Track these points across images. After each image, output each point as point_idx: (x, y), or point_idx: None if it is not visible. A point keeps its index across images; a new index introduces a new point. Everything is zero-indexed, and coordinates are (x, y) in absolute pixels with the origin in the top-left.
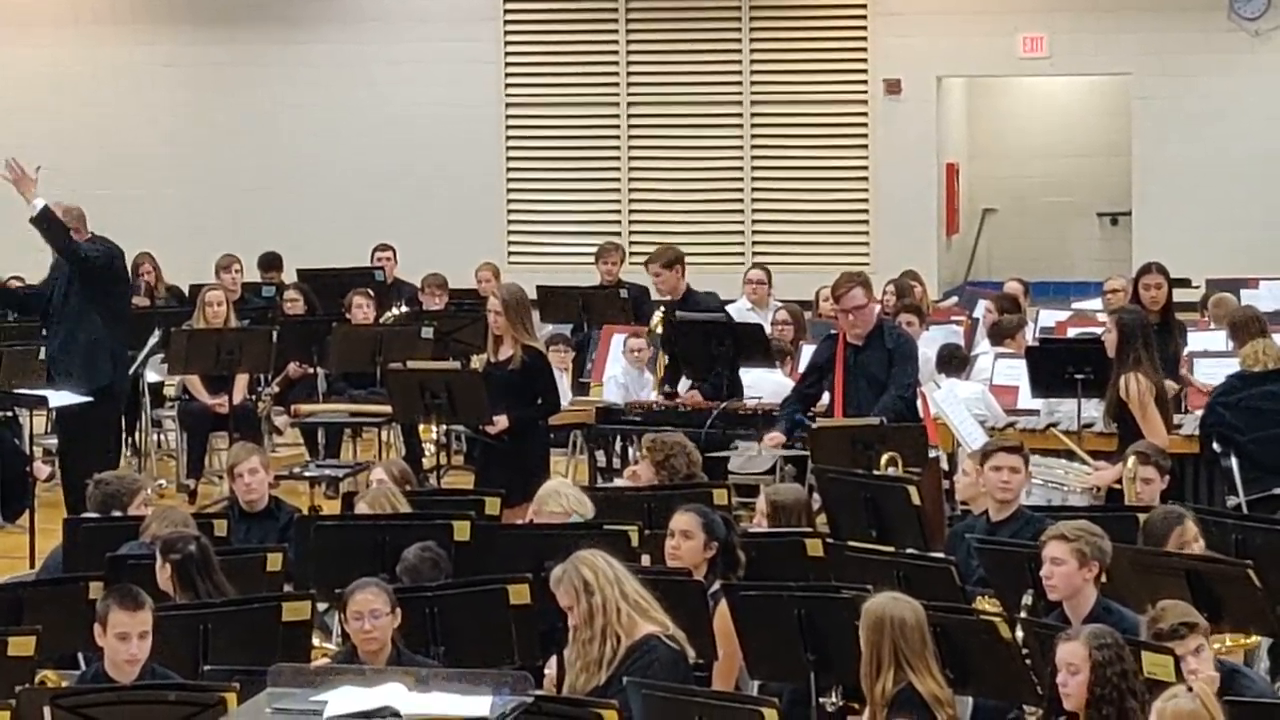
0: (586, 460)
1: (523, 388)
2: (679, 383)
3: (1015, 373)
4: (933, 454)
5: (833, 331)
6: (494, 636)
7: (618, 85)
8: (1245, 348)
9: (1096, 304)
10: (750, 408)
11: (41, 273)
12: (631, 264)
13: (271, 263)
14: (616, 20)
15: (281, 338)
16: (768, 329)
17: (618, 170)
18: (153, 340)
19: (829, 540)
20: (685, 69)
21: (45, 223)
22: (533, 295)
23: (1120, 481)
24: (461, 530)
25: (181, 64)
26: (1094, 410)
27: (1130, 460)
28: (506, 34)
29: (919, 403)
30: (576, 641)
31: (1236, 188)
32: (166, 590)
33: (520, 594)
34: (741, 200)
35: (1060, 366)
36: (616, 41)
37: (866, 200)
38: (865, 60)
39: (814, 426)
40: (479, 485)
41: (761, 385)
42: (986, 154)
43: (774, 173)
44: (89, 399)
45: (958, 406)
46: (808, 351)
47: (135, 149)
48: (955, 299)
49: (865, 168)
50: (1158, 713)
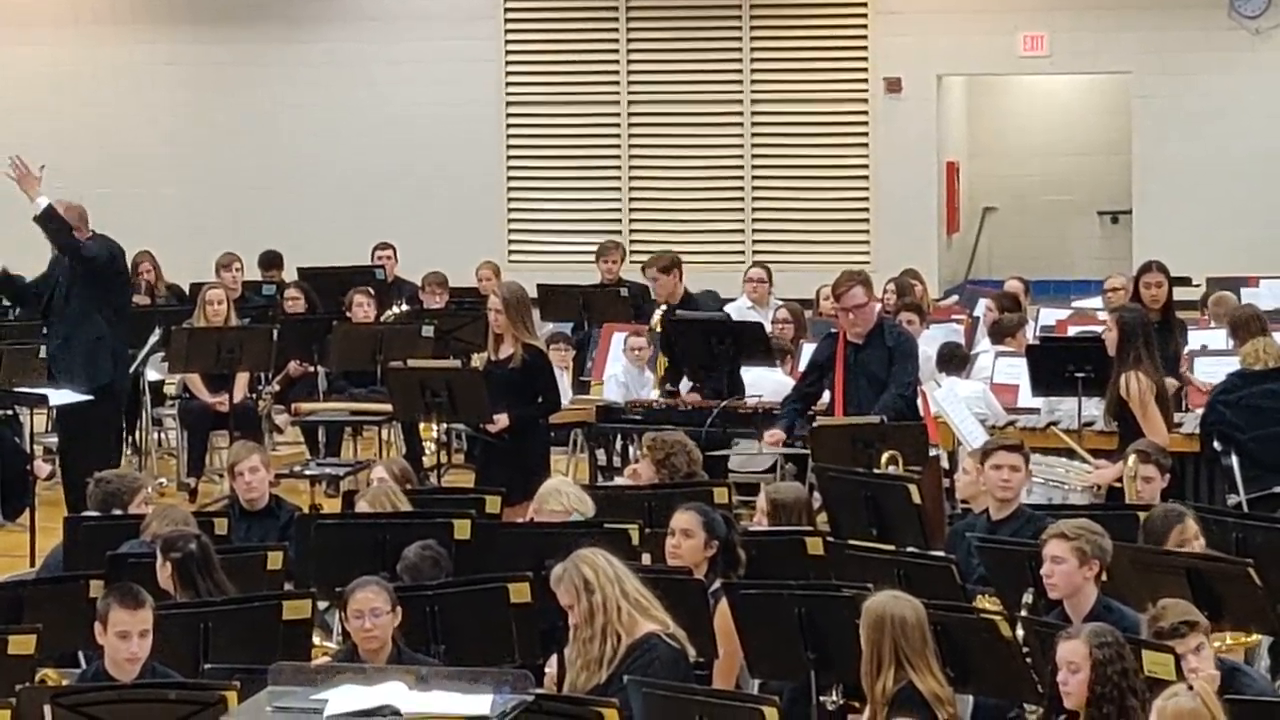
0: (587, 459)
1: (523, 386)
2: (680, 385)
3: (1016, 371)
4: (933, 452)
5: (833, 330)
6: (494, 635)
7: (618, 84)
8: (1246, 346)
9: (1097, 302)
10: (751, 406)
11: (41, 270)
12: (632, 262)
13: (272, 261)
14: (617, 19)
15: (282, 336)
16: (768, 328)
17: (618, 169)
18: (153, 339)
19: (829, 539)
20: (685, 68)
21: (49, 221)
22: (533, 294)
23: (1121, 480)
24: (462, 529)
25: (182, 63)
26: (1094, 409)
27: (1131, 459)
28: (507, 33)
29: (919, 401)
30: (577, 640)
31: (1237, 186)
32: (167, 589)
33: (521, 592)
34: (742, 199)
35: (1061, 365)
36: (617, 40)
37: (867, 199)
38: (865, 59)
39: (814, 425)
40: (479, 484)
41: (762, 384)
42: (987, 152)
43: (774, 171)
44: (89, 397)
45: (958, 405)
46: (808, 350)
47: (135, 148)
48: (956, 297)
49: (866, 166)
50: (1158, 711)
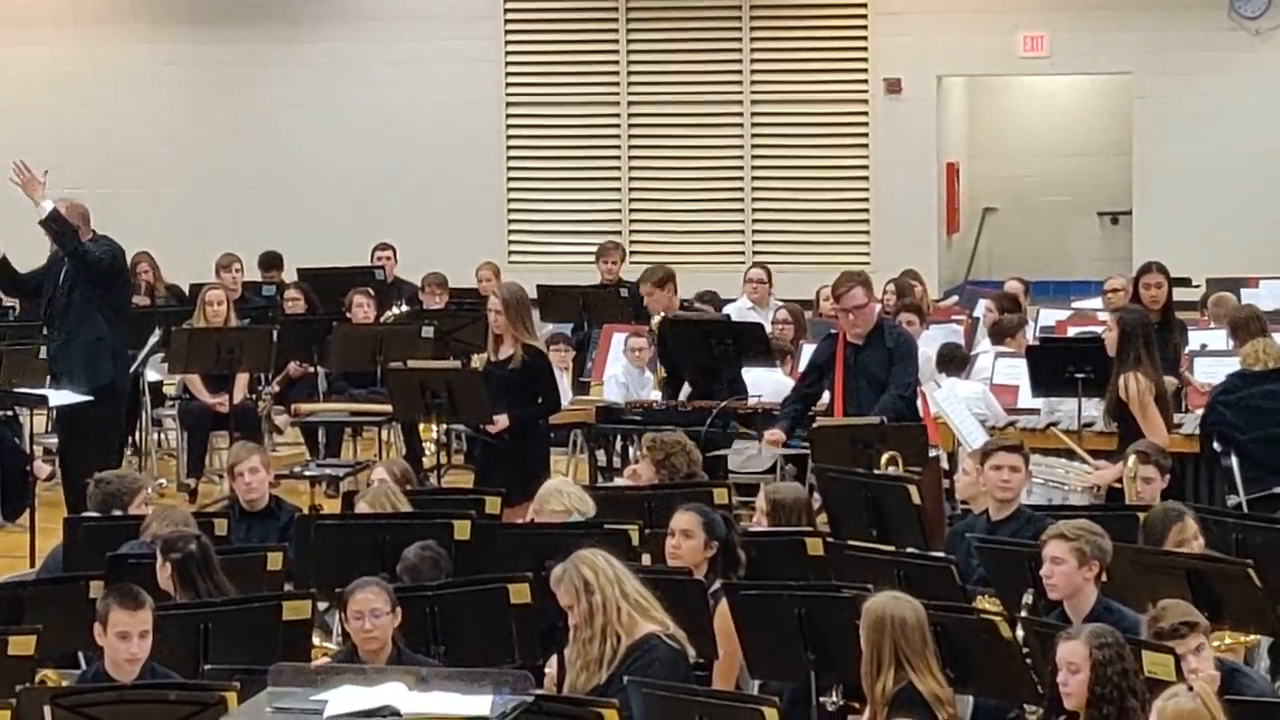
0: (587, 459)
1: (523, 387)
2: (680, 392)
3: (1015, 372)
4: (933, 453)
5: (833, 331)
6: (494, 636)
7: (618, 84)
8: (1245, 347)
9: (1097, 303)
10: (751, 407)
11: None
12: (632, 263)
13: (272, 262)
14: (617, 19)
15: (282, 337)
16: (768, 328)
17: (618, 169)
18: (153, 339)
19: (829, 539)
20: (685, 68)
21: (54, 225)
22: (533, 294)
23: (1121, 481)
24: (462, 529)
25: (182, 63)
26: (1094, 409)
27: (1130, 459)
28: (507, 33)
29: (919, 402)
30: (577, 641)
31: (1237, 187)
32: (167, 589)
33: (520, 593)
34: (742, 199)
35: (1060, 366)
36: (617, 41)
37: (867, 199)
38: (865, 59)
39: (814, 426)
40: (479, 484)
41: (762, 384)
42: (987, 153)
43: (774, 172)
44: (89, 398)
45: (958, 405)
46: (808, 351)
47: (135, 148)
48: (955, 298)
49: (866, 167)
50: (1158, 712)
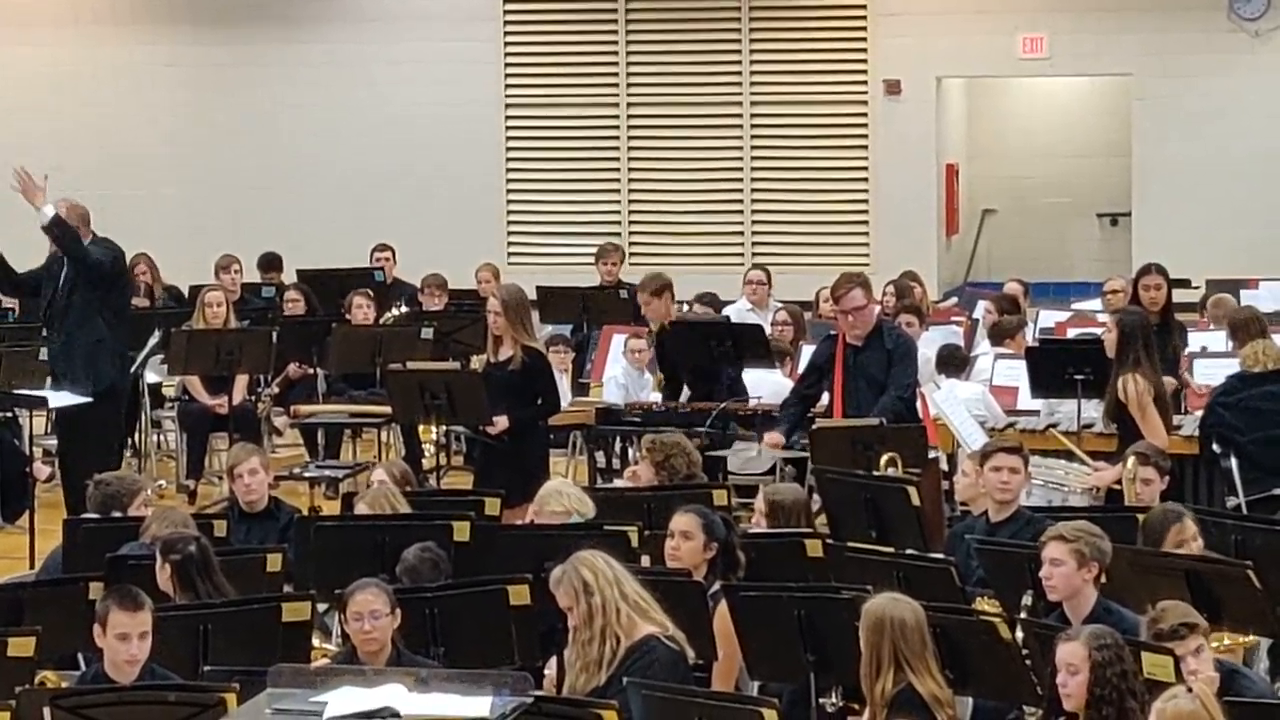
0: (586, 461)
1: (522, 388)
2: (680, 394)
3: (1015, 373)
4: (932, 455)
5: (832, 332)
6: (494, 637)
7: (617, 85)
8: (1245, 348)
9: (1096, 304)
10: (750, 408)
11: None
12: (631, 264)
13: (271, 263)
14: (616, 20)
15: (281, 338)
16: (767, 329)
17: (617, 170)
18: (153, 341)
19: (829, 541)
20: (685, 69)
21: (56, 230)
22: (532, 295)
23: (1120, 482)
24: (461, 531)
25: (182, 64)
26: (1094, 411)
27: (1130, 461)
28: (506, 34)
29: (918, 403)
30: (576, 642)
31: (1236, 188)
32: (166, 591)
33: (520, 595)
34: (741, 200)
35: (1060, 367)
36: (616, 41)
37: (866, 201)
38: (865, 60)
39: (813, 427)
40: (479, 486)
41: (761, 386)
42: (986, 154)
43: (774, 173)
44: (88, 400)
45: (957, 407)
46: (807, 352)
47: (135, 149)
48: (955, 299)
49: (865, 168)
50: (1158, 713)
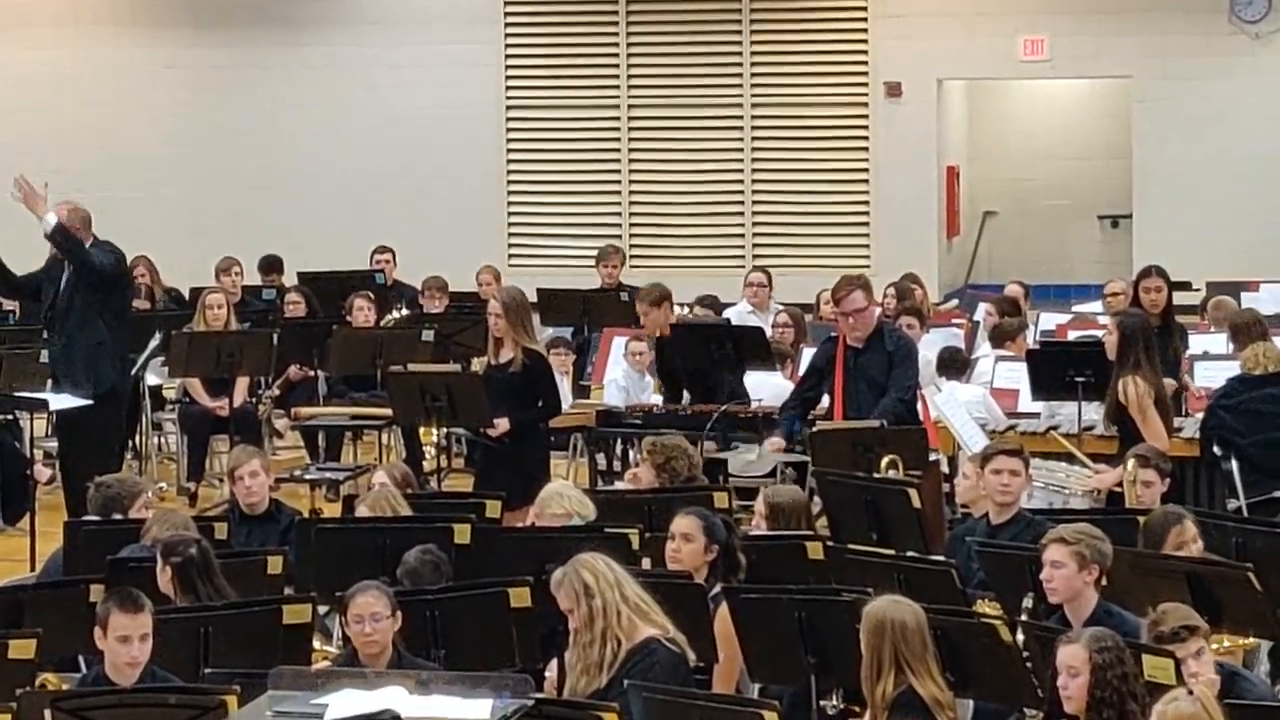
0: (587, 463)
1: (523, 390)
2: (680, 397)
3: (1016, 375)
4: (933, 457)
5: (833, 334)
6: (495, 639)
7: (618, 88)
8: (1246, 351)
9: (1097, 307)
10: (751, 411)
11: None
12: (632, 267)
13: (272, 266)
14: (617, 23)
15: (282, 340)
16: (768, 332)
17: (618, 173)
18: (153, 343)
19: (829, 543)
20: (686, 71)
21: (59, 237)
22: (533, 298)
23: (1121, 484)
24: (462, 533)
25: (182, 65)
26: (1094, 413)
27: (1130, 463)
28: (507, 37)
29: (919, 406)
30: (577, 644)
31: (1237, 190)
32: (167, 593)
33: (521, 597)
34: (742, 203)
35: (1061, 369)
36: (617, 44)
37: (867, 203)
38: (866, 63)
39: (814, 429)
40: (479, 488)
41: (762, 388)
42: (987, 156)
43: (774, 176)
44: (89, 402)
45: (958, 409)
46: (808, 354)
47: (135, 150)
48: (956, 302)
49: (866, 171)
50: (1158, 715)
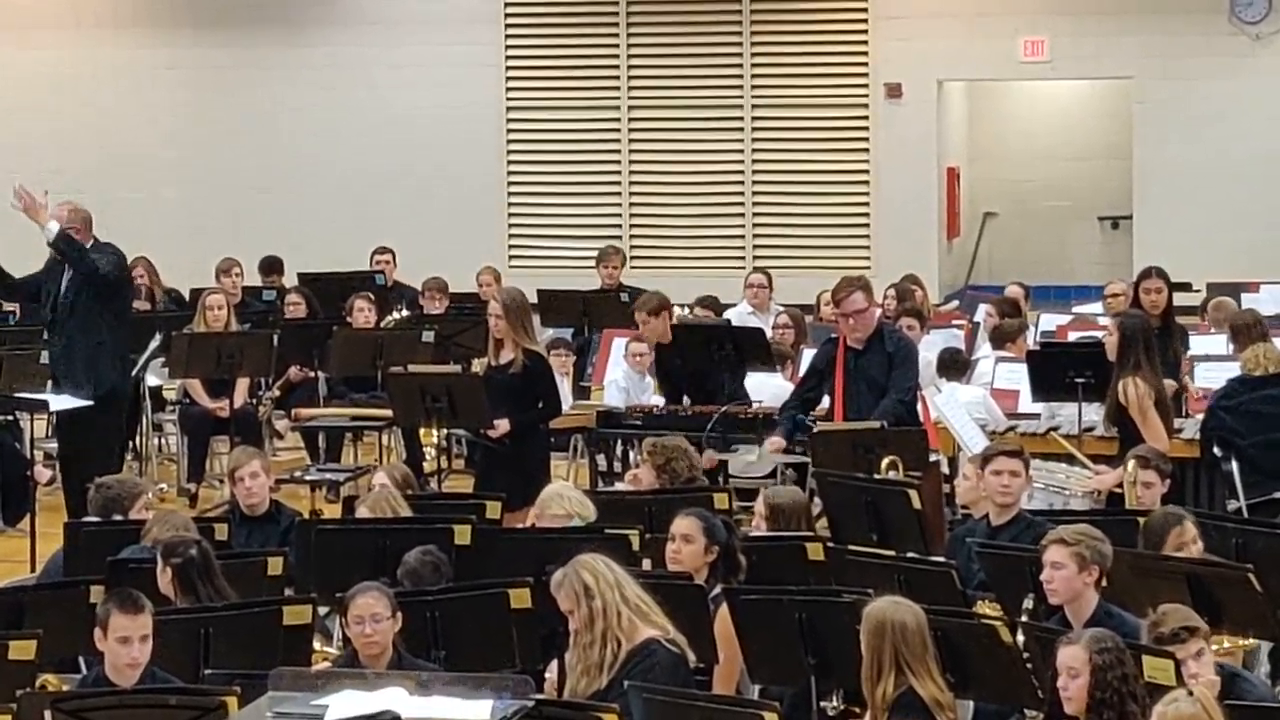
0: (587, 464)
1: (523, 391)
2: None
3: (1016, 377)
4: (933, 458)
5: (833, 335)
6: (495, 640)
7: (619, 89)
8: (1246, 352)
9: (1097, 308)
10: (751, 411)
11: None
12: (632, 268)
13: (272, 266)
14: (618, 24)
15: (282, 341)
16: (768, 333)
17: (618, 174)
18: (154, 344)
19: (830, 544)
20: (686, 73)
21: (63, 245)
22: (533, 299)
23: (1121, 485)
24: (462, 534)
25: (182, 66)
26: (1095, 414)
27: (1130, 464)
28: (507, 38)
29: (919, 406)
30: (577, 645)
31: (1237, 191)
32: (167, 594)
33: (521, 598)
34: (742, 204)
35: (1061, 370)
36: (617, 45)
37: (867, 204)
38: (866, 64)
39: (815, 430)
40: (480, 489)
41: (762, 389)
42: (987, 157)
43: (775, 176)
44: (90, 403)
45: (958, 410)
46: (808, 355)
47: (136, 151)
48: (956, 303)
49: (866, 172)
50: (1159, 716)
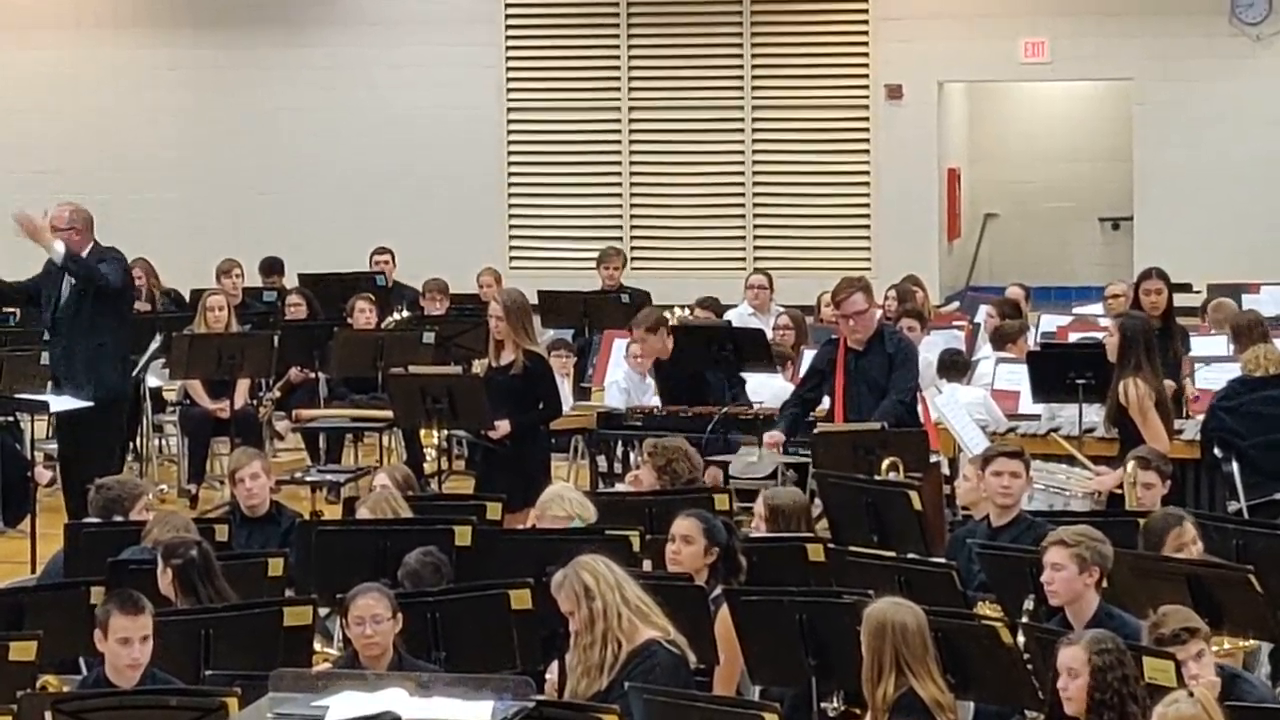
0: (588, 465)
1: (524, 393)
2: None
3: (1016, 378)
4: (934, 459)
5: (833, 336)
6: (495, 641)
7: (619, 90)
8: (1246, 353)
9: (1098, 309)
10: (752, 412)
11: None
12: (633, 269)
13: (273, 267)
14: (618, 25)
15: (283, 342)
16: (769, 334)
17: (619, 175)
18: (154, 345)
19: (830, 545)
20: (686, 73)
21: (73, 264)
22: (534, 300)
23: (1121, 486)
24: (463, 535)
25: (182, 67)
26: (1095, 415)
27: (1131, 465)
28: (508, 38)
29: (920, 408)
30: (578, 647)
31: (1238, 192)
32: (168, 595)
33: (521, 599)
34: (743, 205)
35: (1061, 371)
36: (618, 46)
37: (868, 205)
38: (866, 65)
39: (815, 431)
40: (480, 490)
41: (763, 390)
42: (988, 159)
43: (775, 177)
44: (90, 404)
45: (959, 411)
46: (809, 356)
47: (136, 151)
48: (957, 304)
49: (866, 173)
50: (1159, 717)
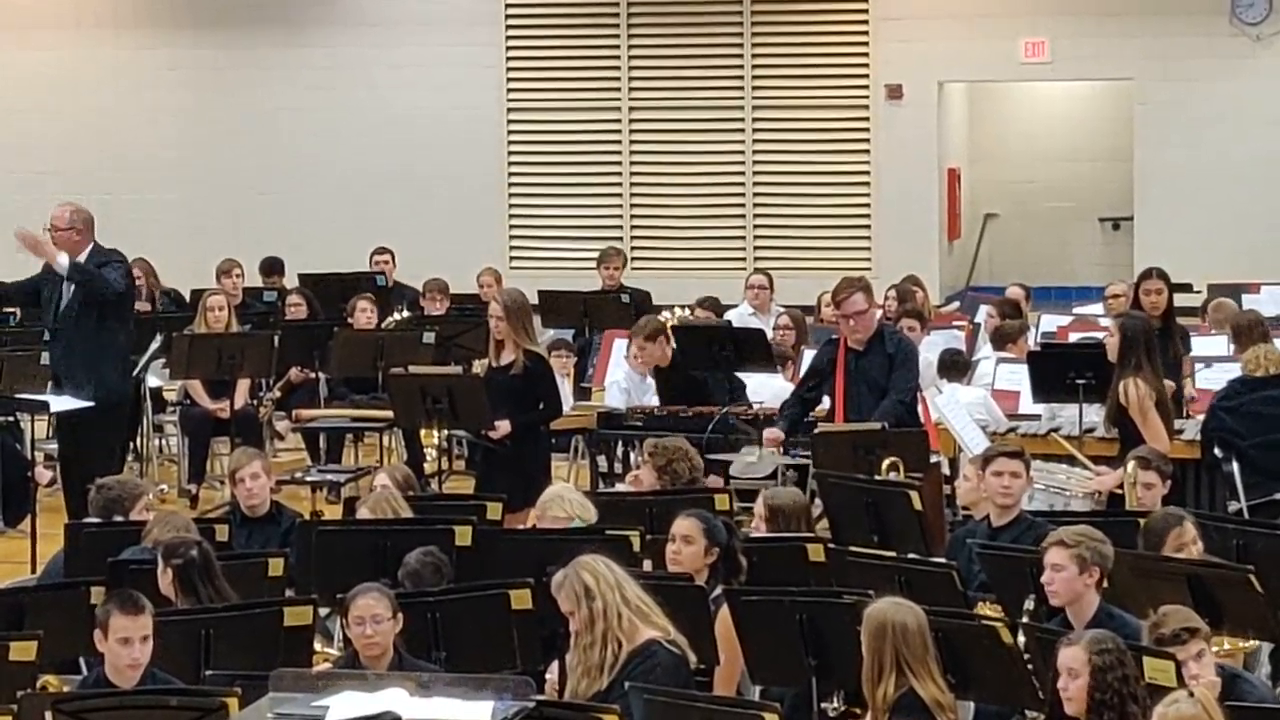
0: (588, 465)
1: (524, 393)
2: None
3: (1017, 378)
4: (934, 459)
5: (834, 336)
6: (496, 641)
7: (619, 90)
8: (1247, 353)
9: (1098, 309)
10: (752, 412)
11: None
12: (633, 269)
13: (273, 268)
14: (618, 25)
15: (283, 342)
16: (769, 334)
17: (619, 175)
18: (154, 345)
19: (830, 545)
20: (687, 74)
21: (79, 276)
22: (534, 300)
23: (1121, 486)
24: (463, 535)
25: (183, 67)
26: (1095, 415)
27: (1131, 465)
28: (508, 38)
29: (920, 408)
30: (578, 647)
31: (1238, 192)
32: (168, 595)
33: (522, 599)
34: (743, 205)
35: (1062, 371)
36: (618, 46)
37: (868, 205)
38: (866, 65)
39: (815, 432)
40: (480, 490)
41: (763, 390)
42: (988, 159)
43: (775, 177)
44: (90, 404)
45: (959, 411)
46: (809, 356)
47: (136, 151)
48: (957, 304)
49: (867, 173)
50: (1159, 717)
